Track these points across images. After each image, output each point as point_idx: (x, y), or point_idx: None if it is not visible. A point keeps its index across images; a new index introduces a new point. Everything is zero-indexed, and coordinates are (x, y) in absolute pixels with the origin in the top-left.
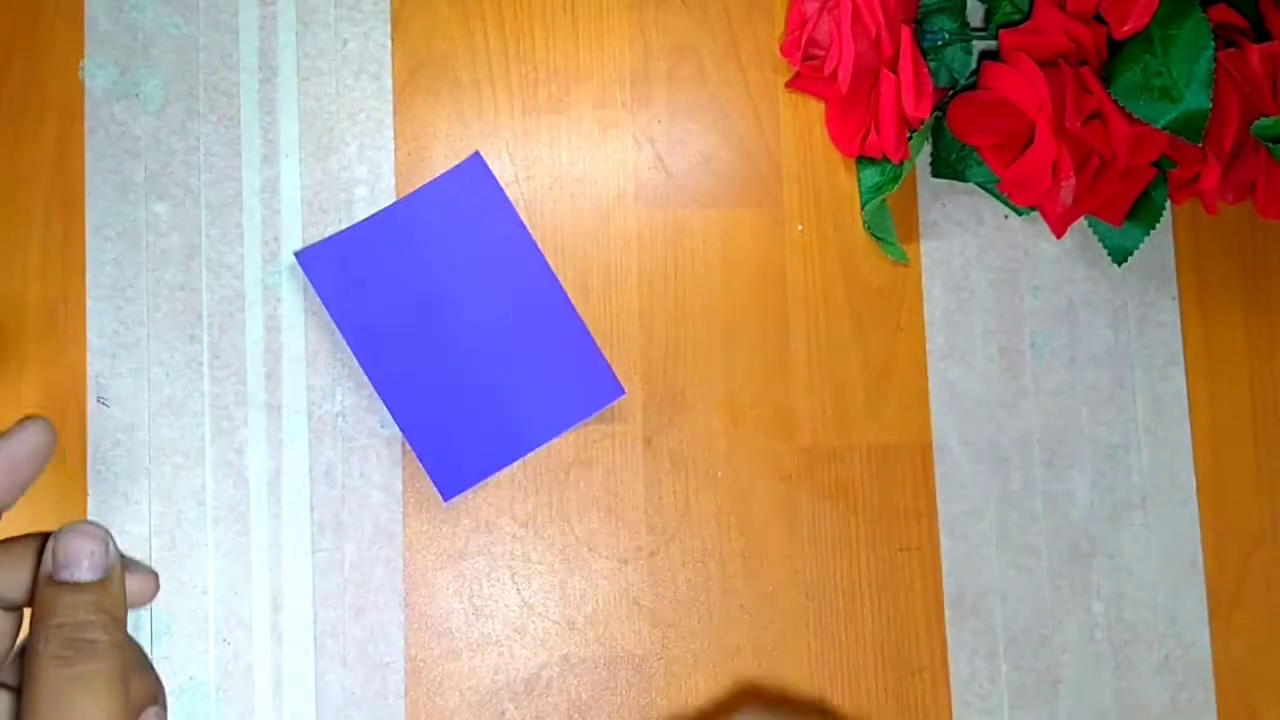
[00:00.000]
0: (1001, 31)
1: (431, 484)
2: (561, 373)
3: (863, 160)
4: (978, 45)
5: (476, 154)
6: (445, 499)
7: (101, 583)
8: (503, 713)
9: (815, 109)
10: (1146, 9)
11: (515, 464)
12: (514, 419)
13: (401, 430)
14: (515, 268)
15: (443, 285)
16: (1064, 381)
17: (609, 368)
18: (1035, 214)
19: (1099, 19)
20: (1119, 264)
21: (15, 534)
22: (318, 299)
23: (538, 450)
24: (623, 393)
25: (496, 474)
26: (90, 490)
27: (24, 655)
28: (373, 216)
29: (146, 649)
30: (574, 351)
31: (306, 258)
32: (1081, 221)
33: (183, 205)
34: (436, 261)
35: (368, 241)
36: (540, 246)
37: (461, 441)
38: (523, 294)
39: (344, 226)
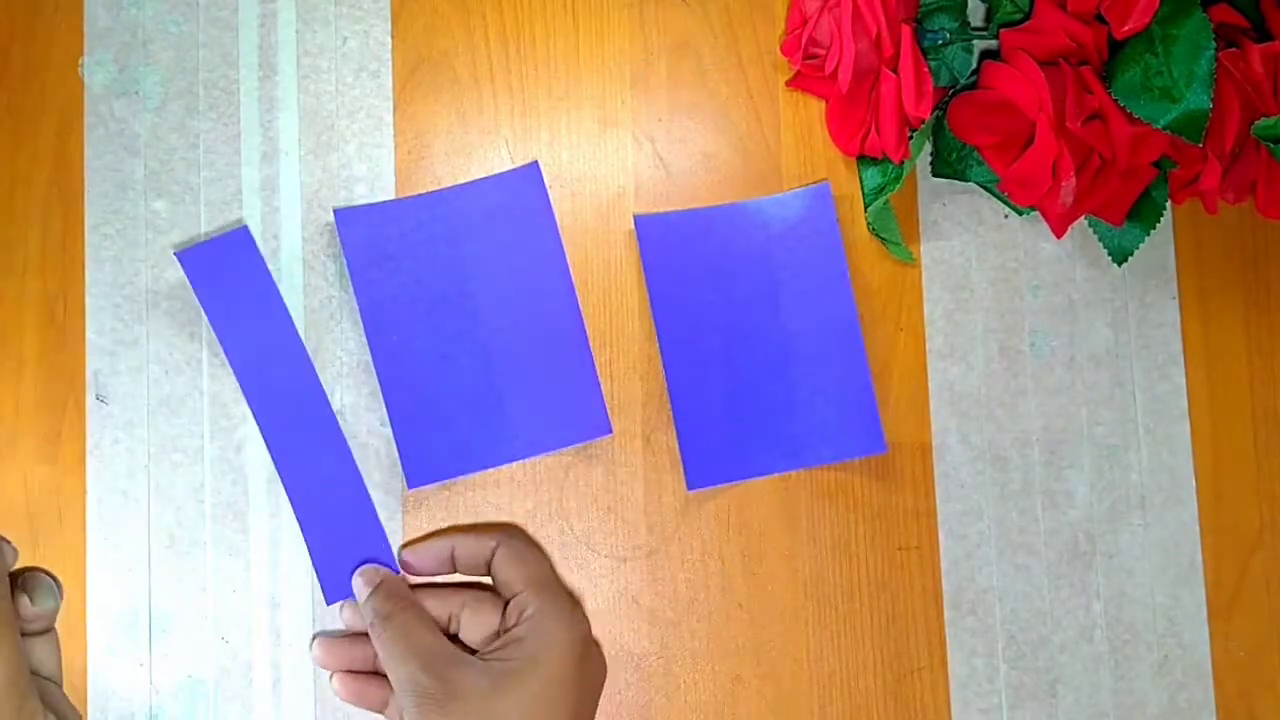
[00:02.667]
0: (1002, 31)
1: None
2: (557, 395)
3: (863, 160)
4: (978, 44)
5: (535, 164)
6: (410, 485)
7: None
8: None
9: (815, 108)
10: (1147, 9)
11: (503, 467)
12: (498, 428)
13: (387, 407)
14: (542, 283)
15: (467, 280)
16: (1063, 381)
17: (603, 403)
18: (1035, 214)
19: (1100, 19)
20: (1119, 264)
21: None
22: (316, 298)
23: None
24: (609, 431)
25: (464, 476)
26: (89, 488)
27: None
28: (418, 196)
29: (145, 646)
30: (575, 378)
31: (343, 216)
32: (1081, 221)
33: (182, 203)
34: (467, 256)
35: (406, 217)
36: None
37: (441, 434)
38: (542, 310)
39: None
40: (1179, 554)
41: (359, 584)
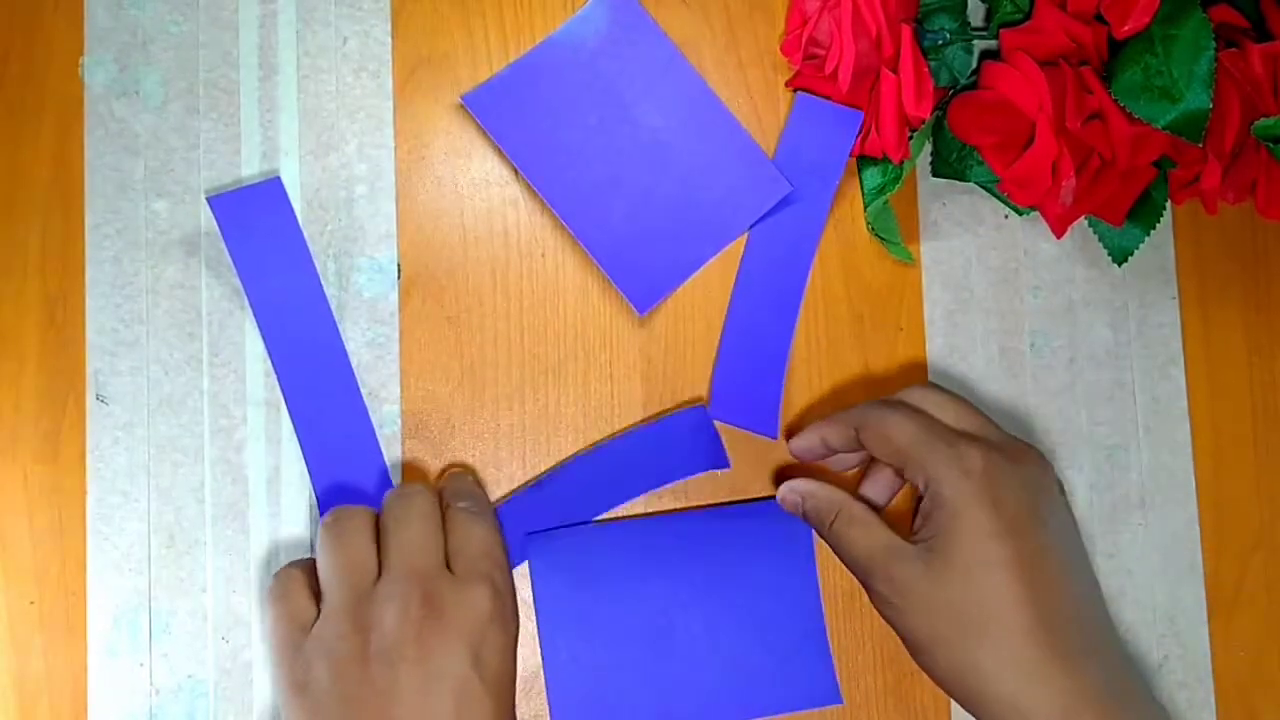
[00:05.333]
0: (1002, 31)
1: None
2: (727, 176)
3: (863, 160)
4: (978, 45)
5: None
6: (640, 312)
7: None
8: None
9: None
10: (1147, 9)
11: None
12: (690, 229)
13: (590, 252)
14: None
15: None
16: (1063, 381)
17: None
18: (1035, 214)
19: (1100, 19)
20: (1119, 264)
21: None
22: None
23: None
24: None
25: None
26: (89, 488)
27: None
28: (525, 56)
29: (145, 646)
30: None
31: (472, 99)
32: (1081, 221)
33: (182, 202)
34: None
35: (528, 76)
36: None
37: (646, 255)
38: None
39: (344, 224)
40: (1179, 554)
41: (792, 500)
